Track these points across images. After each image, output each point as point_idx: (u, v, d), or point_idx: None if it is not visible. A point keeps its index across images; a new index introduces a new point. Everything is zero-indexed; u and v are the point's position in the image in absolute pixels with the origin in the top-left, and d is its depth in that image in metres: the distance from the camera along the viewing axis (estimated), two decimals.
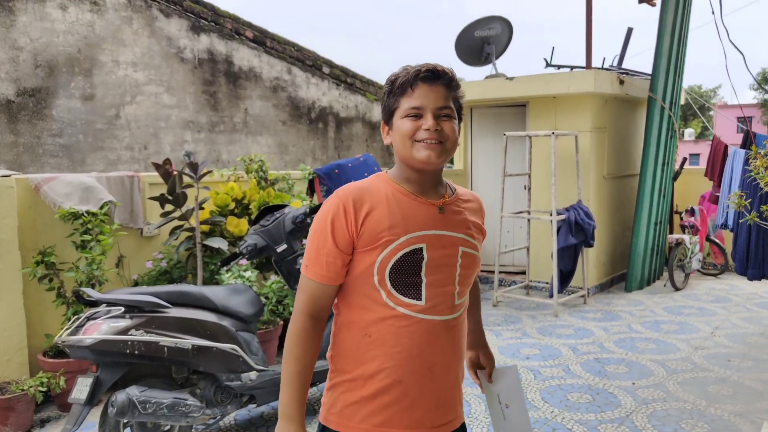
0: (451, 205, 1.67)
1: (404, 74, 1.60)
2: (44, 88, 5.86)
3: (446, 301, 1.61)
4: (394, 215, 1.58)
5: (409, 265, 1.56)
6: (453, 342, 1.64)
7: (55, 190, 4.26)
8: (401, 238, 1.56)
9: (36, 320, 4.24)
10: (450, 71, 1.62)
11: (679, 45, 7.34)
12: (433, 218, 1.61)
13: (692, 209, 7.81)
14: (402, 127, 1.59)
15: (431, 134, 1.56)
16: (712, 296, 7.06)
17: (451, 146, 1.60)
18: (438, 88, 1.59)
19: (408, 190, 1.63)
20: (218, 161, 7.41)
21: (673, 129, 7.50)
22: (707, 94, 47.18)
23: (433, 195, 1.65)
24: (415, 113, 1.57)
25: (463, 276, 1.64)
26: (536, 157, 7.26)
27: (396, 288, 1.57)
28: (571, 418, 3.91)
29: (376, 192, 1.61)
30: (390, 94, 1.63)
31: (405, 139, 1.58)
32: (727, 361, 4.92)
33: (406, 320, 1.57)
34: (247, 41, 7.76)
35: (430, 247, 1.58)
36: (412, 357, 1.58)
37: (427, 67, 1.59)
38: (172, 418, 3.16)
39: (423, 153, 1.56)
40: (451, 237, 1.62)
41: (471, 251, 1.66)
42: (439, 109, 1.58)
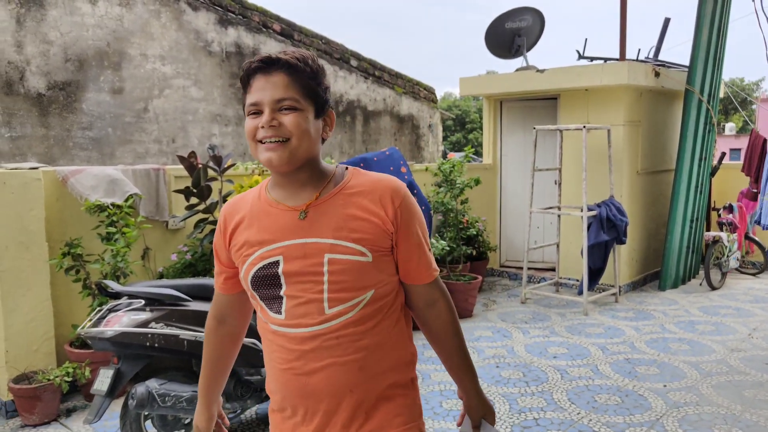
0: (321, 204, 1.47)
1: (244, 67, 1.45)
2: (74, 81, 5.93)
3: (309, 313, 1.45)
4: (251, 228, 1.50)
5: (266, 279, 1.47)
6: (332, 351, 1.46)
7: (82, 182, 4.31)
8: (256, 252, 1.47)
9: (63, 311, 4.30)
10: (293, 57, 1.41)
11: (719, 36, 7.08)
12: (292, 226, 1.46)
13: (730, 206, 7.54)
14: (246, 126, 1.44)
15: (267, 132, 1.39)
16: (750, 296, 6.81)
17: (299, 142, 1.40)
18: (276, 77, 1.40)
19: (272, 198, 1.50)
20: (245, 155, 7.43)
21: (711, 123, 7.24)
22: (749, 86, 45.74)
23: (304, 196, 1.48)
24: (254, 110, 1.41)
25: (335, 284, 1.44)
26: (567, 151, 7.09)
27: (264, 302, 1.51)
28: (599, 421, 3.80)
29: (244, 204, 1.55)
30: (242, 88, 1.49)
31: (250, 140, 1.43)
32: (764, 364, 4.72)
33: (273, 333, 1.52)
34: (274, 34, 7.75)
35: (287, 259, 1.45)
36: (284, 370, 1.51)
37: (260, 57, 1.42)
38: (192, 412, 3.16)
39: (264, 155, 1.41)
40: (314, 244, 1.44)
41: (344, 257, 1.44)
42: (278, 101, 1.39)
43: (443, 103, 41.41)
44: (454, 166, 6.50)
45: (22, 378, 3.90)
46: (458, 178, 6.47)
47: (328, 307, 1.46)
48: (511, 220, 8.02)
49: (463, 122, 44.01)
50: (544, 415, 3.89)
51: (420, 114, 10.01)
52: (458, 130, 43.86)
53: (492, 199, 8.03)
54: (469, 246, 6.87)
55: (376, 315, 1.51)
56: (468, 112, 44.42)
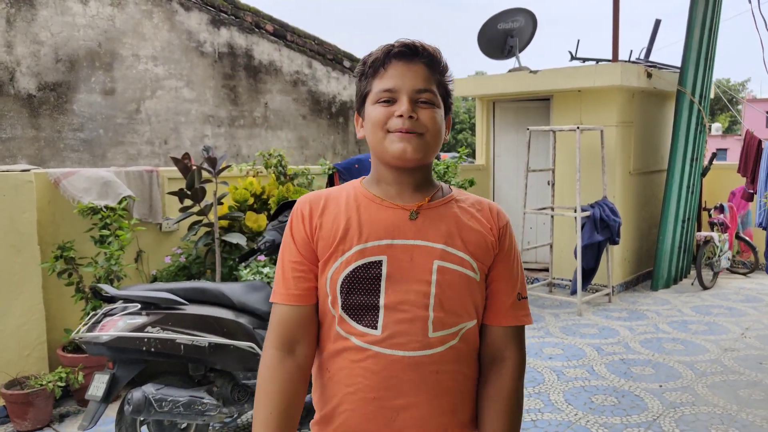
0: (435, 209, 1.33)
1: (377, 51, 1.32)
2: (65, 82, 5.87)
3: (412, 332, 1.26)
4: (350, 220, 1.30)
5: (363, 281, 1.27)
6: (430, 386, 1.28)
7: (74, 184, 4.25)
8: (354, 247, 1.27)
9: (55, 315, 4.25)
10: (433, 49, 1.33)
11: (710, 37, 7.12)
12: (400, 225, 1.30)
13: (721, 206, 7.60)
14: (373, 114, 1.30)
15: (405, 123, 1.26)
16: (742, 296, 6.86)
17: (432, 139, 1.29)
18: (416, 67, 1.30)
19: (375, 194, 1.34)
20: (238, 156, 7.39)
21: (702, 123, 7.29)
22: (735, 87, 46.18)
23: (412, 198, 1.33)
24: (387, 97, 1.28)
25: (442, 299, 1.27)
26: (560, 152, 7.11)
27: (348, 312, 1.28)
28: (596, 422, 3.80)
29: (336, 195, 1.37)
30: (362, 76, 1.34)
31: (376, 129, 1.29)
32: (758, 363, 4.75)
33: (360, 353, 1.27)
34: (267, 35, 7.71)
35: (392, 260, 1.27)
36: (368, 401, 1.27)
37: (402, 42, 1.31)
38: (189, 417, 3.13)
39: (397, 146, 1.27)
40: (425, 248, 1.28)
41: (454, 267, 1.28)
42: (417, 92, 1.28)
43: None
44: (448, 167, 6.49)
45: (14, 383, 3.84)
46: (452, 179, 6.47)
47: (432, 330, 1.27)
48: None
49: (453, 123, 44.11)
50: (541, 417, 3.89)
51: None
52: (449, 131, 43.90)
53: None
54: None
55: (472, 353, 1.35)
56: (457, 112, 44.51)
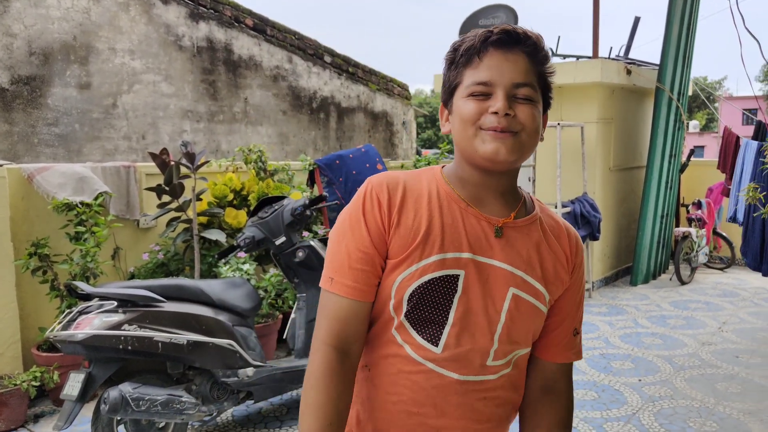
0: (519, 229, 1.21)
1: (471, 38, 1.17)
2: (39, 76, 5.74)
3: (472, 357, 1.18)
4: (433, 221, 1.16)
5: (436, 294, 1.16)
6: (474, 411, 1.21)
7: (49, 180, 4.16)
8: (433, 256, 1.15)
9: (30, 313, 4.16)
10: (536, 35, 1.17)
11: (688, 34, 7.20)
12: (483, 239, 1.17)
13: (699, 202, 7.69)
14: (463, 109, 1.16)
15: (501, 121, 1.12)
16: (719, 290, 6.96)
17: (528, 139, 1.15)
18: (516, 56, 1.15)
19: (459, 195, 1.20)
20: (218, 151, 7.31)
21: (680, 120, 7.36)
22: (712, 85, 46.86)
23: (496, 208, 1.21)
24: (481, 91, 1.14)
25: (509, 330, 1.19)
26: (541, 148, 7.13)
27: (411, 321, 1.18)
28: (576, 416, 3.82)
29: (417, 185, 1.21)
30: (451, 65, 1.20)
31: (466, 126, 1.15)
32: (735, 357, 4.81)
33: (413, 365, 1.18)
34: (247, 29, 7.63)
35: (469, 277, 1.16)
36: (410, 414, 1.20)
37: (502, 27, 1.15)
38: (167, 416, 3.08)
39: (489, 146, 1.13)
40: (503, 271, 1.17)
41: (527, 298, 1.19)
42: (515, 86, 1.14)
43: (414, 100, 41.46)
44: (429, 164, 6.49)
45: None
46: None
47: (492, 358, 1.20)
48: None
49: (434, 119, 44.15)
50: None
51: (394, 111, 9.98)
52: (429, 127, 43.99)
53: None
54: None
55: (519, 379, 1.29)
56: (439, 108, 44.56)
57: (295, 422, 3.77)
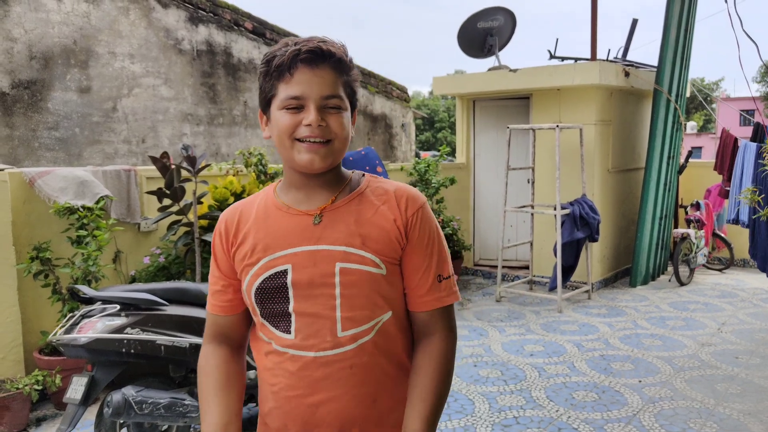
0: (338, 210, 1.36)
1: (281, 53, 1.28)
2: (39, 80, 5.75)
3: (321, 334, 1.32)
4: (258, 234, 1.36)
5: (273, 291, 1.34)
6: (344, 381, 1.34)
7: (50, 184, 4.18)
8: (262, 260, 1.34)
9: (32, 317, 4.17)
10: (339, 48, 1.32)
11: (686, 36, 7.23)
12: (304, 232, 1.34)
13: (697, 203, 7.71)
14: (280, 121, 1.30)
15: (314, 131, 1.27)
16: (717, 291, 6.98)
17: (340, 145, 1.32)
18: (323, 71, 1.28)
19: (283, 202, 1.39)
20: (217, 155, 7.32)
21: (678, 122, 7.39)
22: (709, 86, 46.96)
23: (320, 199, 1.37)
24: (294, 104, 1.28)
25: (348, 299, 1.32)
26: (540, 150, 7.16)
27: (267, 319, 1.36)
28: (577, 417, 3.84)
29: (249, 209, 1.42)
30: (266, 76, 1.32)
31: (283, 137, 1.30)
32: (734, 358, 4.83)
33: (280, 356, 1.36)
34: (246, 32, 7.64)
35: (296, 268, 1.32)
36: (290, 398, 1.36)
37: (308, 45, 1.28)
38: (170, 419, 3.08)
39: (305, 156, 1.29)
40: (326, 251, 1.32)
41: (356, 267, 1.32)
42: (325, 98, 1.28)
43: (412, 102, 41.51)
44: (429, 166, 6.51)
45: None
46: (433, 178, 6.48)
47: (341, 329, 1.32)
48: (485, 218, 8.06)
49: (432, 121, 44.20)
50: (523, 414, 3.92)
51: (393, 113, 10.00)
52: (427, 129, 44.04)
53: (465, 198, 8.06)
54: None
55: (395, 341, 1.40)
56: (437, 111, 44.62)
57: None
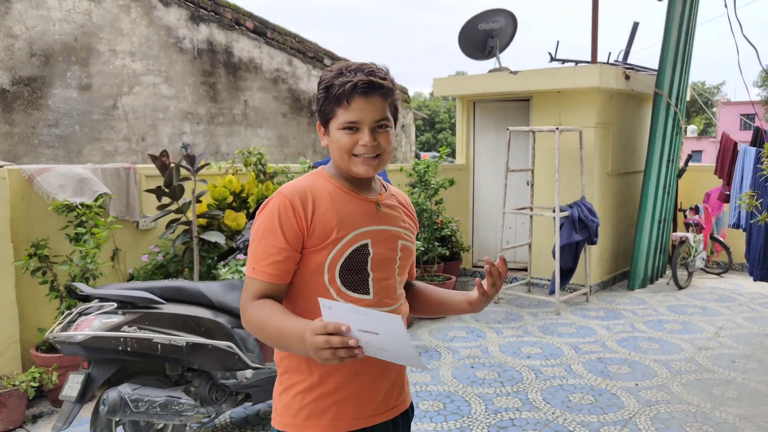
0: (386, 201, 1.71)
1: (340, 83, 1.54)
2: (40, 77, 5.76)
3: (390, 293, 1.66)
4: (339, 212, 1.59)
5: (357, 261, 1.59)
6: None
7: (49, 181, 4.18)
8: (349, 234, 1.58)
9: (29, 314, 4.17)
10: (387, 79, 1.58)
11: (686, 40, 7.23)
12: (372, 214, 1.65)
13: (696, 207, 7.72)
14: (339, 140, 1.58)
15: (368, 149, 1.57)
16: (715, 295, 6.98)
17: (387, 157, 1.63)
18: (375, 100, 1.56)
19: (347, 188, 1.65)
20: (217, 153, 7.32)
21: (678, 125, 7.40)
22: (710, 90, 46.97)
23: (369, 192, 1.68)
24: (351, 126, 1.56)
25: (401, 267, 1.71)
26: (539, 152, 7.16)
27: (345, 285, 1.59)
28: (573, 420, 3.84)
29: (318, 189, 1.61)
30: (326, 100, 1.59)
31: (342, 153, 1.58)
32: (731, 362, 4.84)
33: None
34: (247, 32, 7.64)
35: (374, 242, 1.62)
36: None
37: (362, 80, 1.53)
38: (166, 417, 3.09)
39: (361, 168, 1.59)
40: (391, 231, 1.68)
41: (408, 244, 1.74)
42: (376, 122, 1.57)
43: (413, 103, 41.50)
44: (428, 167, 6.51)
45: None
46: (432, 179, 6.49)
47: (399, 288, 1.70)
48: (484, 220, 8.07)
49: (432, 122, 44.21)
50: (519, 415, 3.92)
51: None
52: (428, 130, 44.05)
53: (464, 199, 8.07)
54: (443, 246, 6.89)
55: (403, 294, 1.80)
56: (437, 112, 44.63)
57: None
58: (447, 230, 6.90)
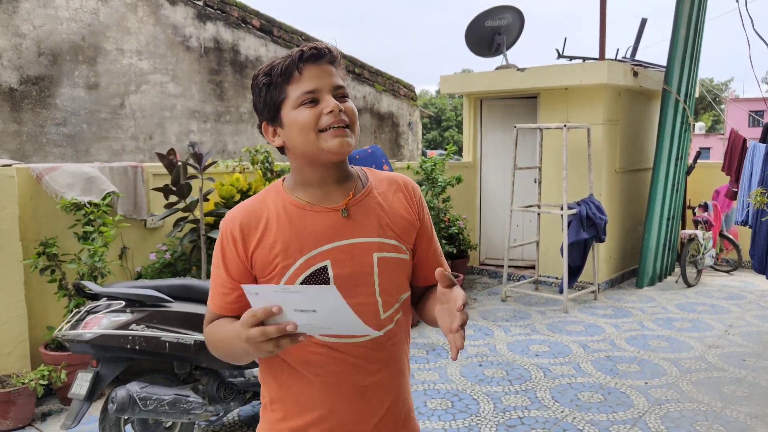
0: (360, 203, 1.41)
1: (281, 62, 1.36)
2: (48, 76, 5.77)
3: (366, 318, 1.32)
4: (285, 235, 1.35)
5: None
6: (386, 359, 1.44)
7: (57, 180, 4.19)
8: (298, 260, 1.34)
9: (38, 312, 4.18)
10: (335, 49, 1.41)
11: (695, 36, 7.18)
12: (335, 227, 1.37)
13: (705, 204, 7.66)
14: (299, 118, 1.33)
15: (337, 116, 1.33)
16: (725, 293, 6.93)
17: (356, 129, 1.39)
18: (326, 67, 1.37)
19: (303, 200, 1.39)
20: (224, 152, 7.33)
21: (687, 122, 7.34)
22: (719, 87, 46.69)
23: (338, 195, 1.41)
24: (310, 98, 1.34)
25: (386, 285, 1.40)
26: (547, 149, 7.13)
27: None
28: (582, 419, 3.82)
29: (265, 210, 1.39)
30: (269, 87, 1.37)
31: (307, 132, 1.33)
32: (742, 360, 4.80)
33: (326, 347, 1.37)
34: (254, 30, 7.64)
35: (336, 263, 1.35)
36: (340, 384, 1.39)
37: (307, 46, 1.36)
38: (174, 415, 3.09)
39: (333, 142, 1.33)
40: (362, 244, 1.38)
41: (391, 255, 1.40)
42: (336, 88, 1.36)
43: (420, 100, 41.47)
44: (435, 165, 6.49)
45: None
46: (439, 177, 6.47)
47: (383, 312, 1.41)
48: (491, 218, 8.04)
49: (439, 120, 44.16)
50: (528, 414, 3.90)
51: (400, 112, 9.98)
52: (434, 127, 44.00)
53: (472, 197, 8.04)
54: (450, 244, 6.87)
55: (407, 316, 1.52)
56: (444, 110, 44.58)
57: None
58: (454, 228, 6.88)
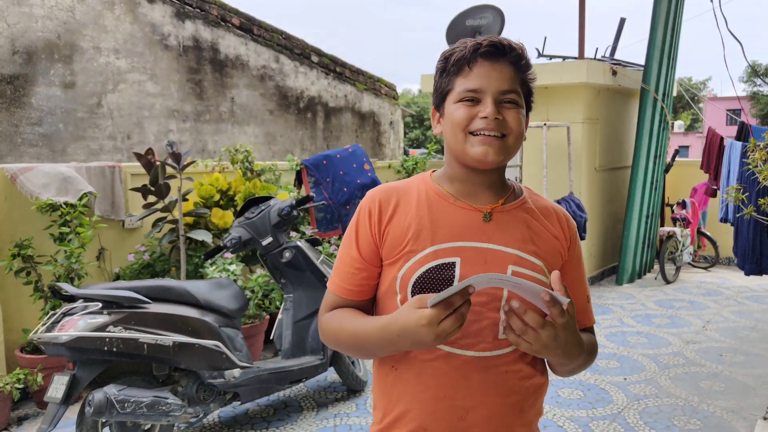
0: (508, 212, 1.32)
1: (462, 48, 1.28)
2: (22, 75, 5.68)
3: (483, 333, 1.25)
4: (422, 220, 1.28)
5: (437, 282, 1.25)
6: (498, 386, 1.28)
7: (32, 180, 4.12)
8: (427, 249, 1.26)
9: (13, 315, 4.11)
10: (519, 46, 1.30)
11: (673, 35, 7.26)
12: (473, 227, 1.29)
13: (684, 202, 7.76)
14: (454, 114, 1.27)
15: (490, 124, 1.24)
16: (703, 289, 7.03)
17: (514, 141, 1.28)
18: (502, 66, 1.27)
19: (447, 192, 1.33)
20: (204, 151, 7.27)
21: (665, 121, 7.43)
22: (697, 86, 47.35)
23: (485, 199, 1.32)
24: (471, 97, 1.26)
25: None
26: (527, 148, 7.17)
27: None
28: (562, 415, 3.85)
29: (407, 192, 1.34)
30: (443, 72, 1.31)
31: (456, 130, 1.27)
32: (719, 355, 4.87)
33: (431, 353, 1.26)
34: (233, 28, 7.59)
35: (465, 262, 1.25)
36: (438, 399, 1.27)
37: (489, 40, 1.27)
38: (152, 417, 3.06)
39: (478, 149, 1.25)
40: (499, 252, 1.27)
41: (527, 272, 1.28)
42: (502, 93, 1.26)
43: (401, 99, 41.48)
44: (417, 163, 6.50)
45: None
46: None
47: (503, 331, 1.24)
48: None
49: (421, 119, 44.23)
50: None
51: (381, 111, 9.98)
52: (417, 126, 44.06)
53: None
54: None
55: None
56: (426, 109, 44.66)
57: (282, 423, 3.76)
58: None
